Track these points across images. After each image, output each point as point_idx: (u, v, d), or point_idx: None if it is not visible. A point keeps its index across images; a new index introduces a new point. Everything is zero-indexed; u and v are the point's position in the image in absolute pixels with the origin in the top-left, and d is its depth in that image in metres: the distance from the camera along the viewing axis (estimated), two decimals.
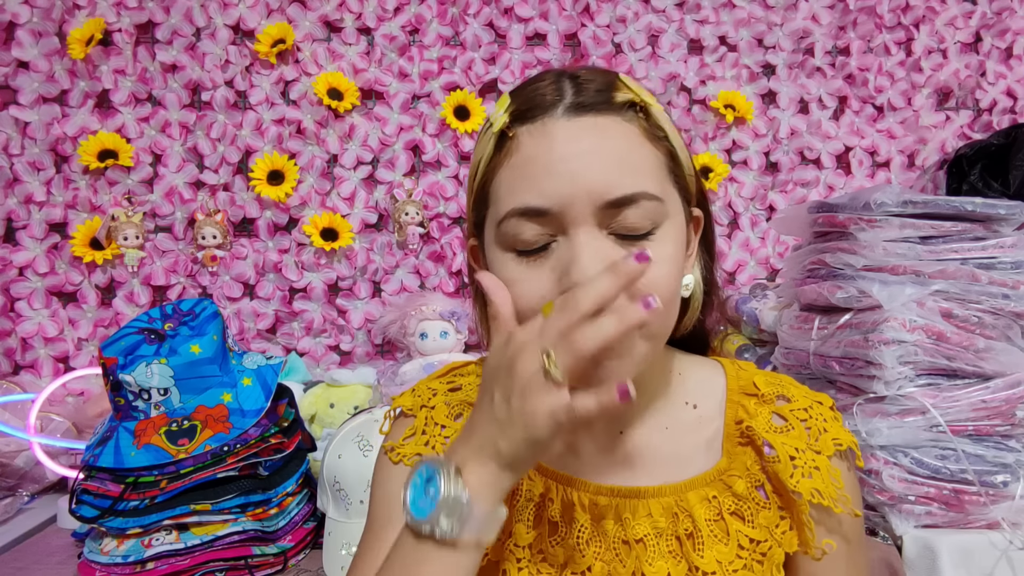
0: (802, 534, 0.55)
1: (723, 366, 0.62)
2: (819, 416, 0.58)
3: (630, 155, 0.51)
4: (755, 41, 1.57)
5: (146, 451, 0.92)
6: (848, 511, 0.55)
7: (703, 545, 0.54)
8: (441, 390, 0.63)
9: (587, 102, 0.51)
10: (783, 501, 0.56)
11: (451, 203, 1.55)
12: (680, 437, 0.59)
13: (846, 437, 0.57)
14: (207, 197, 1.51)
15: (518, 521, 0.56)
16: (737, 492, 0.56)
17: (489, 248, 0.55)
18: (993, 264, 0.95)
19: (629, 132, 0.52)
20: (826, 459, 0.56)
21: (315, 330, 1.54)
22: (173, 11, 1.48)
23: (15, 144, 1.46)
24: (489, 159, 0.54)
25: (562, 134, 0.50)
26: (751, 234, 1.59)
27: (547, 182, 0.50)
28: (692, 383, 0.61)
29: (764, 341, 1.26)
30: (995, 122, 1.58)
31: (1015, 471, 0.91)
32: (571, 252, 0.49)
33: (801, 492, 0.54)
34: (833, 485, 0.55)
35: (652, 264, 0.49)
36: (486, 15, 1.53)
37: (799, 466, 0.55)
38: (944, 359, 0.91)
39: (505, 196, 0.52)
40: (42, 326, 1.47)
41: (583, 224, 0.49)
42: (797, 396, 0.59)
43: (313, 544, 1.04)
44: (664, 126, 0.54)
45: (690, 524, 0.55)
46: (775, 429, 0.57)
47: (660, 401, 0.59)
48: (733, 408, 0.59)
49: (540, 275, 0.51)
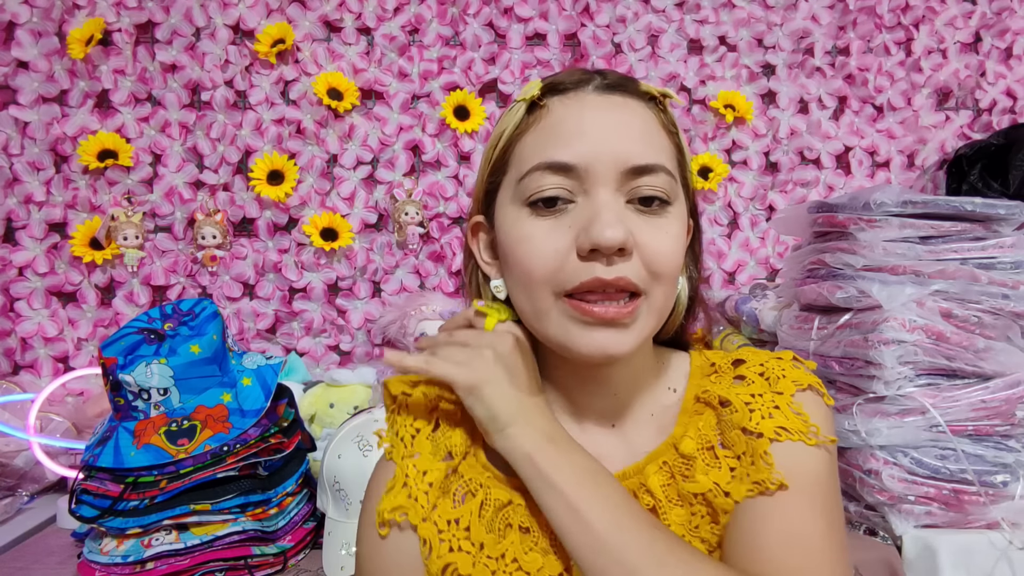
0: (760, 472, 0.52)
1: (690, 355, 0.64)
2: (776, 366, 0.58)
3: (652, 134, 0.55)
4: (755, 41, 1.57)
5: (146, 451, 0.92)
6: (823, 439, 0.54)
7: (665, 514, 0.55)
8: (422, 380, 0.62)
9: (616, 84, 0.56)
10: (736, 460, 0.55)
11: (451, 203, 1.55)
12: (660, 420, 0.60)
13: (806, 378, 0.57)
14: (207, 197, 1.51)
15: (489, 532, 0.56)
16: (684, 451, 0.56)
17: (502, 209, 0.57)
18: (993, 264, 0.95)
19: (650, 117, 0.56)
20: (788, 397, 0.55)
21: (315, 330, 1.54)
22: (173, 11, 1.48)
23: (15, 144, 1.46)
24: (516, 126, 0.56)
25: (593, 103, 0.54)
26: (751, 234, 1.59)
27: (575, 141, 0.53)
28: (672, 370, 0.63)
29: (764, 341, 1.26)
30: (995, 122, 1.58)
31: (1015, 471, 0.91)
32: (592, 209, 0.51)
33: (763, 431, 0.53)
34: (798, 418, 0.54)
35: (665, 236, 0.53)
36: (486, 15, 1.53)
37: (756, 408, 0.55)
38: (944, 359, 0.91)
39: (530, 155, 0.54)
40: (42, 326, 1.47)
41: (606, 185, 0.52)
42: (752, 357, 0.60)
43: (313, 544, 1.04)
44: (676, 124, 0.58)
45: (650, 499, 0.56)
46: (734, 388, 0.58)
47: (650, 391, 0.61)
48: (694, 386, 0.60)
49: (556, 232, 0.52)
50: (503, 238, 0.56)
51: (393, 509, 0.57)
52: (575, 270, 0.51)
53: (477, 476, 0.59)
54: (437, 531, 0.57)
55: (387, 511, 0.57)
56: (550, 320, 0.53)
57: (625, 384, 0.59)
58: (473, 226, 0.62)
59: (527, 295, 0.55)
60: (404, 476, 0.58)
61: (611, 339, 0.52)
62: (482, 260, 0.62)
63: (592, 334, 0.52)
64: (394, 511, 0.57)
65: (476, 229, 0.62)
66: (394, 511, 0.57)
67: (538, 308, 0.54)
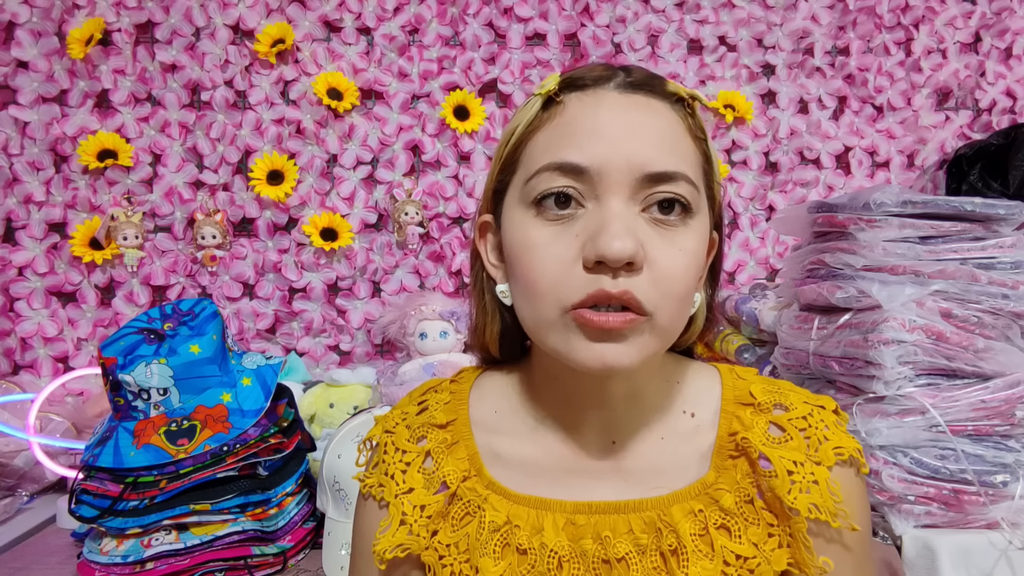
0: (799, 552, 0.52)
1: (720, 374, 0.59)
2: (819, 424, 0.54)
3: (675, 139, 0.51)
4: (755, 41, 1.57)
5: (145, 451, 0.92)
6: (846, 525, 0.52)
7: (687, 561, 0.51)
8: (411, 412, 0.61)
9: (639, 82, 0.52)
10: (775, 516, 0.53)
11: (451, 203, 1.55)
12: (676, 447, 0.56)
13: (849, 443, 0.54)
14: (207, 197, 1.51)
15: (483, 555, 0.53)
16: (724, 506, 0.52)
17: (509, 212, 0.53)
18: (992, 264, 0.95)
19: (675, 121, 0.52)
20: (826, 470, 0.52)
21: (315, 330, 1.54)
22: (173, 11, 1.48)
23: (15, 144, 1.46)
24: (529, 122, 0.53)
25: (612, 103, 0.50)
26: (751, 234, 1.59)
27: (589, 142, 0.49)
28: (690, 391, 0.58)
29: (764, 341, 1.26)
30: (995, 122, 1.58)
31: (1015, 471, 0.91)
32: (601, 218, 0.48)
33: (799, 509, 0.51)
34: (832, 498, 0.52)
35: (679, 254, 0.49)
36: (486, 15, 1.53)
37: (797, 481, 0.52)
38: (944, 359, 0.91)
39: (541, 154, 0.51)
40: (41, 326, 1.47)
41: (618, 193, 0.48)
42: (796, 403, 0.55)
43: (313, 544, 1.04)
44: (705, 130, 0.54)
45: (674, 540, 0.52)
46: (772, 441, 0.54)
47: (658, 410, 0.57)
48: (727, 419, 0.56)
49: (562, 241, 0.49)
50: (508, 242, 0.53)
51: (395, 548, 0.55)
52: (579, 283, 0.48)
53: (476, 498, 0.56)
54: (438, 557, 0.55)
55: (388, 551, 0.55)
56: (553, 331, 0.50)
57: (623, 399, 0.56)
58: (481, 226, 0.59)
59: (530, 306, 0.51)
60: (401, 515, 0.56)
61: (610, 351, 0.48)
62: (489, 263, 0.58)
63: (592, 346, 0.48)
64: (396, 549, 0.55)
65: (484, 229, 0.59)
66: (396, 549, 0.55)
67: (540, 320, 0.51)
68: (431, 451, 0.58)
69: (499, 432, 0.59)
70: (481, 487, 0.56)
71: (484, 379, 0.63)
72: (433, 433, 0.59)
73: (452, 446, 0.58)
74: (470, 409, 0.60)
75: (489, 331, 0.60)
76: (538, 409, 0.58)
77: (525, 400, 0.59)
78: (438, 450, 0.58)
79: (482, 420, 0.59)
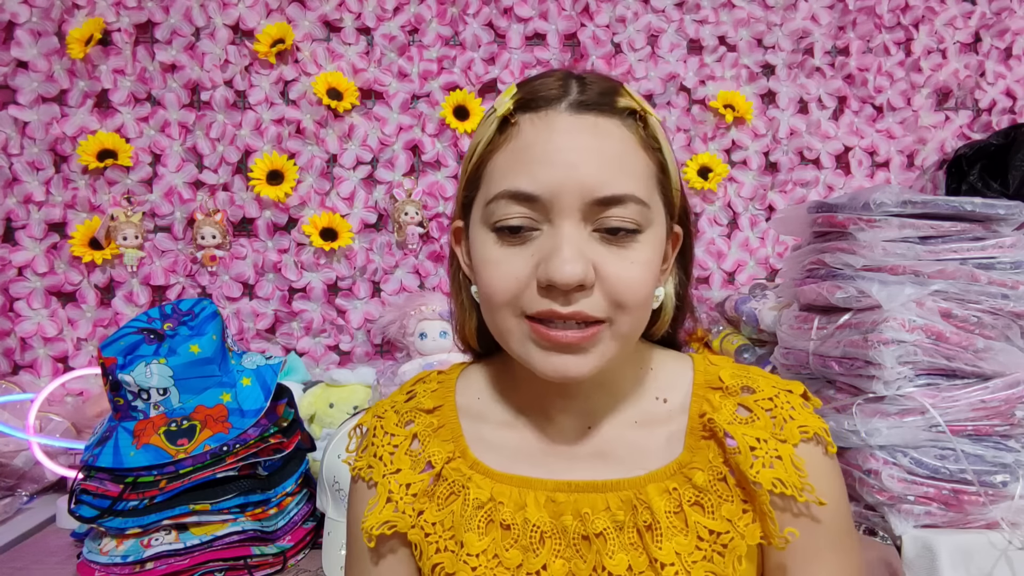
0: (765, 525, 0.54)
1: (693, 361, 0.62)
2: (785, 404, 0.57)
3: (624, 158, 0.53)
4: (754, 41, 1.57)
5: (145, 451, 0.92)
6: (813, 499, 0.54)
7: (661, 537, 0.54)
8: (400, 400, 0.65)
9: (590, 101, 0.53)
10: (746, 493, 0.55)
11: (450, 203, 1.55)
12: (650, 431, 0.59)
13: (814, 423, 0.56)
14: (206, 197, 1.51)
15: (468, 530, 0.56)
16: (697, 484, 0.55)
17: (474, 228, 0.56)
18: (992, 264, 0.95)
19: (626, 137, 0.53)
20: (790, 447, 0.55)
21: (314, 330, 1.54)
22: (172, 11, 1.48)
23: (14, 144, 1.46)
24: (488, 142, 0.55)
25: (563, 126, 0.52)
26: (750, 234, 1.59)
27: (541, 170, 0.51)
28: (663, 378, 0.61)
29: (763, 341, 1.26)
30: (994, 122, 1.58)
31: (1014, 471, 0.91)
32: (553, 242, 0.51)
33: (761, 483, 0.53)
34: (796, 473, 0.54)
35: (631, 267, 0.52)
36: (485, 15, 1.53)
37: (759, 456, 0.54)
38: (943, 359, 0.91)
39: (499, 178, 0.53)
40: (41, 326, 1.47)
41: (570, 216, 0.51)
42: (764, 387, 0.58)
43: (312, 544, 1.04)
44: (659, 138, 0.56)
45: (649, 516, 0.55)
46: (739, 420, 0.56)
47: (631, 397, 0.60)
48: (698, 402, 0.58)
49: (519, 259, 0.52)
50: (473, 254, 0.56)
51: (382, 524, 0.58)
52: (533, 299, 0.51)
53: (460, 477, 0.59)
54: (424, 535, 0.58)
55: (375, 527, 0.58)
56: (513, 338, 0.54)
57: (595, 389, 0.59)
58: (455, 231, 0.62)
59: (491, 315, 0.55)
60: (387, 492, 0.59)
61: (570, 363, 0.52)
62: (464, 263, 0.61)
63: (550, 358, 0.52)
64: (383, 526, 0.58)
65: (458, 234, 0.62)
66: (383, 526, 0.58)
67: (500, 328, 0.54)
68: (418, 434, 0.62)
69: (483, 418, 0.62)
70: (465, 467, 0.60)
71: (470, 370, 0.67)
72: (420, 417, 0.62)
73: (438, 429, 0.62)
74: (456, 396, 0.64)
75: (468, 327, 0.63)
76: (516, 399, 0.62)
77: (505, 389, 0.63)
78: (425, 433, 0.61)
79: (467, 406, 0.63)
